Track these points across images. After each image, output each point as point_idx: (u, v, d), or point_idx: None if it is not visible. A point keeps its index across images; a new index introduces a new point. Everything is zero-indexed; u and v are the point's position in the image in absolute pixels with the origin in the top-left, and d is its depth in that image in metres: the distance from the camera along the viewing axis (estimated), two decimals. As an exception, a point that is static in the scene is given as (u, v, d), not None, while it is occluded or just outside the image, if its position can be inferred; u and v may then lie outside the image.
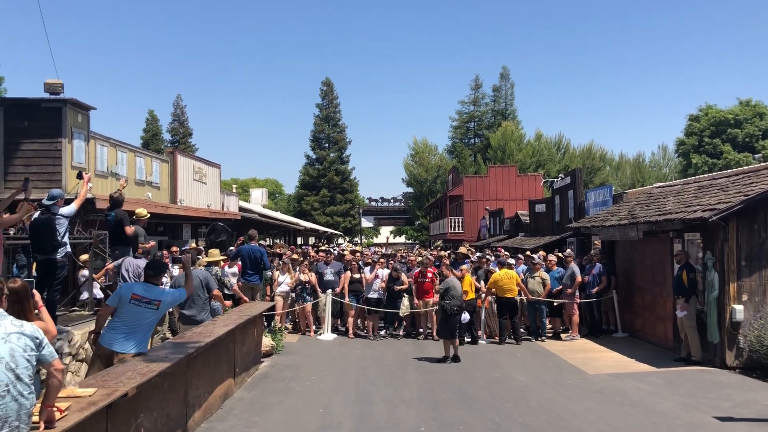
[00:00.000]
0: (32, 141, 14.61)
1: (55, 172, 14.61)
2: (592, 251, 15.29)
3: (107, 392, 4.76)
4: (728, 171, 15.59)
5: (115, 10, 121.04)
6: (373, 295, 14.17)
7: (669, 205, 12.62)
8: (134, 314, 6.46)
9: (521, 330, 13.87)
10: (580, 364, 11.14)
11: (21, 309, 4.39)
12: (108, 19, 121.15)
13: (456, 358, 11.52)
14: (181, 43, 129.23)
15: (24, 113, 14.68)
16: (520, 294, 13.66)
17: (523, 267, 14.88)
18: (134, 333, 6.44)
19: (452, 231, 42.72)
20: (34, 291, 5.31)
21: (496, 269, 14.28)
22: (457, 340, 11.84)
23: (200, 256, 12.94)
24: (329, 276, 14.48)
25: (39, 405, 4.05)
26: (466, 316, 12.56)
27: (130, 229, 9.78)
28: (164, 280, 10.99)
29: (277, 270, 14.32)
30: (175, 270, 12.00)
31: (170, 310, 9.60)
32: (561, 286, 14.10)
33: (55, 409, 4.11)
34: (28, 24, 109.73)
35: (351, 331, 14.24)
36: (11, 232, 8.98)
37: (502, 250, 19.23)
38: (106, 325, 6.63)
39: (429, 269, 14.26)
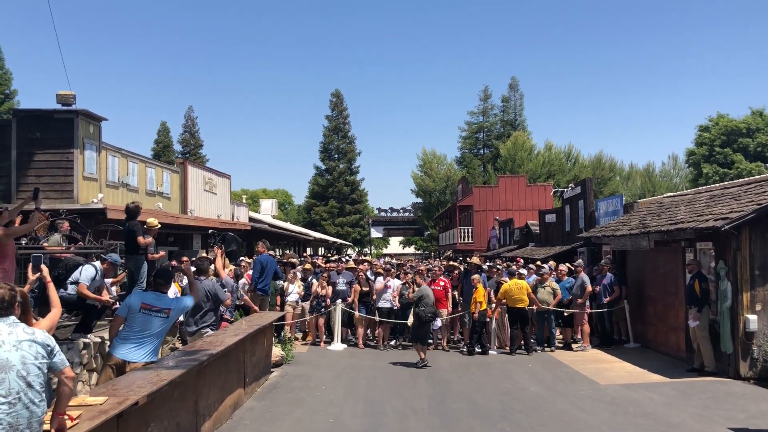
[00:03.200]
0: (44, 152, 14.75)
1: (67, 182, 14.73)
2: (602, 261, 15.19)
3: (118, 401, 4.75)
4: (740, 180, 15.49)
5: (127, 22, 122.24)
6: (384, 305, 14.13)
7: (680, 214, 12.54)
8: (145, 323, 6.46)
9: (531, 340, 13.78)
10: (592, 374, 11.05)
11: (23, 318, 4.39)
12: (120, 31, 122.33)
13: (423, 363, 11.80)
14: (192, 55, 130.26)
15: (37, 124, 14.84)
16: (531, 304, 13.60)
17: (534, 277, 14.79)
18: (145, 342, 6.45)
19: (462, 241, 42.63)
20: (42, 266, 5.56)
21: (507, 279, 14.23)
22: (426, 346, 12.32)
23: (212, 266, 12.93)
24: (341, 286, 14.45)
25: (50, 413, 4.06)
26: (437, 323, 12.82)
27: (142, 240, 9.79)
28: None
29: (287, 281, 14.32)
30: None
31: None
32: (571, 297, 14.02)
33: (66, 417, 4.11)
34: (40, 36, 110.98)
35: (360, 342, 14.20)
36: (23, 242, 9.03)
37: (521, 261, 19.13)
38: (116, 335, 6.64)
39: (441, 278, 14.20)
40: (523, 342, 13.50)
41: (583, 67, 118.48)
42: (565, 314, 13.99)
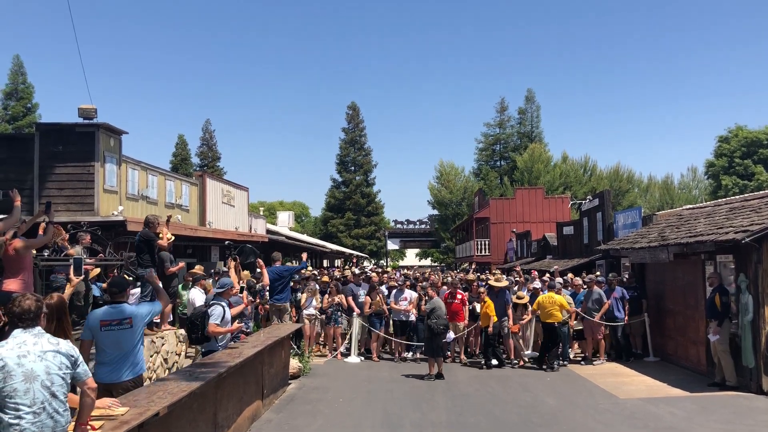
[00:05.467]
0: (66, 165, 14.96)
1: (88, 195, 14.91)
2: (610, 275, 14.84)
3: (139, 411, 4.80)
4: (761, 192, 15.33)
5: (145, 37, 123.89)
6: (399, 317, 14.09)
7: (700, 226, 12.44)
8: (112, 340, 5.88)
9: (558, 360, 13.36)
10: (611, 388, 10.94)
11: (58, 325, 4.50)
12: (139, 45, 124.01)
13: (440, 376, 11.78)
14: (209, 68, 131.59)
15: (59, 138, 15.06)
16: (576, 318, 13.36)
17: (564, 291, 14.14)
18: (121, 359, 5.90)
19: (479, 253, 42.50)
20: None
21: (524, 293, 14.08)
22: (441, 359, 12.18)
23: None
24: (362, 298, 14.45)
25: (73, 423, 4.11)
26: (450, 335, 12.66)
27: (162, 242, 9.94)
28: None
29: (305, 293, 14.36)
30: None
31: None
32: (581, 309, 13.77)
33: (88, 427, 4.16)
34: (61, 51, 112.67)
35: (375, 354, 14.16)
36: (45, 254, 9.16)
37: (535, 273, 18.86)
38: (93, 361, 6.06)
39: (459, 291, 14.04)
40: (547, 358, 13.25)
41: (600, 78, 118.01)
42: (574, 327, 13.71)
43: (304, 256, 13.93)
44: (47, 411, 3.82)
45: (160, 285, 7.25)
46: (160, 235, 10.25)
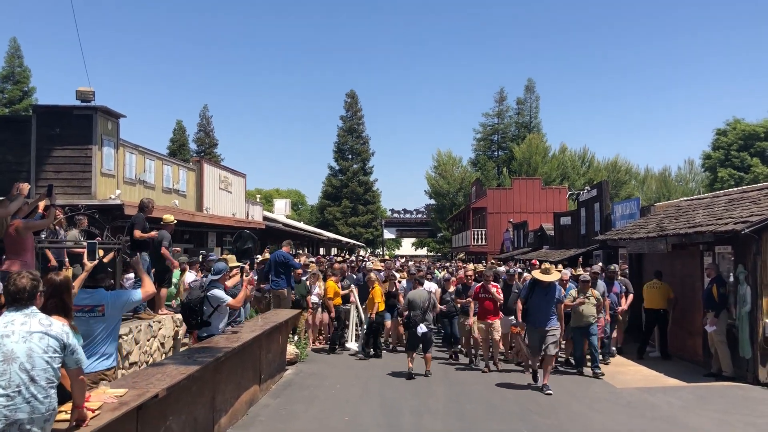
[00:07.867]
0: (63, 148, 14.86)
1: (85, 178, 14.83)
2: (612, 267, 13.79)
3: (138, 393, 4.77)
4: (760, 184, 15.32)
5: (144, 22, 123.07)
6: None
7: (699, 217, 12.43)
8: (84, 328, 5.33)
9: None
10: (608, 377, 10.93)
11: (59, 302, 4.41)
12: (137, 30, 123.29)
13: (411, 377, 10.79)
14: (207, 55, 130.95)
15: (56, 120, 14.94)
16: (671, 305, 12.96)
17: (571, 287, 12.29)
18: (90, 349, 5.36)
19: (475, 243, 42.51)
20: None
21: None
22: (430, 354, 11.35)
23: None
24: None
25: (70, 404, 4.05)
26: (421, 328, 11.16)
27: (138, 233, 9.87)
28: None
29: (308, 280, 14.27)
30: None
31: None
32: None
33: (85, 410, 4.09)
34: (58, 33, 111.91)
35: (393, 342, 14.06)
36: (42, 236, 9.10)
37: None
38: None
39: (492, 284, 11.94)
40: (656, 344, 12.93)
41: (599, 70, 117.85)
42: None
43: (286, 248, 12.99)
44: (23, 395, 3.61)
45: (143, 273, 6.46)
46: (162, 222, 10.26)
